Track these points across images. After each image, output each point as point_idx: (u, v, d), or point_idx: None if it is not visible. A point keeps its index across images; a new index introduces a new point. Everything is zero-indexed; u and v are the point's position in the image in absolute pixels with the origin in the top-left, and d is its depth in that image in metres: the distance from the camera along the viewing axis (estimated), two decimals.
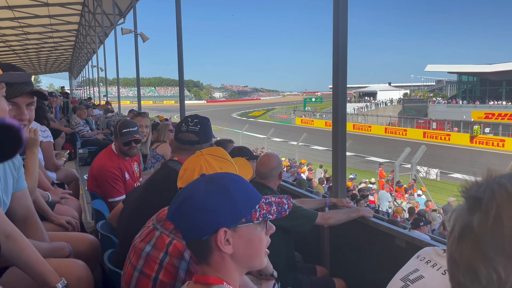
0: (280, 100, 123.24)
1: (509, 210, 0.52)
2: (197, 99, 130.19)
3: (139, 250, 1.42)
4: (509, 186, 0.54)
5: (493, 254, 0.52)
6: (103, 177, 3.13)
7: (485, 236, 0.53)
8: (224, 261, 1.05)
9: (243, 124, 30.10)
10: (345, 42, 2.82)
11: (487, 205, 0.54)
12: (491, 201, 0.54)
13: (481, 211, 0.55)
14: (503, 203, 0.53)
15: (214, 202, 1.03)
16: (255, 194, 1.09)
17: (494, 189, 0.55)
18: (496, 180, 0.57)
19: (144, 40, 9.99)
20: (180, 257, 1.31)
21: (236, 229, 1.03)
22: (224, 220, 1.02)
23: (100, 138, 7.98)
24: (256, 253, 1.07)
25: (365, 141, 26.55)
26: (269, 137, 22.52)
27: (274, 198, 1.10)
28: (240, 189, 1.07)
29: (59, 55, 33.28)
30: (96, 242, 2.16)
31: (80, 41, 24.38)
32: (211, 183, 1.07)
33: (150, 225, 1.50)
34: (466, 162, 21.19)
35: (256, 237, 1.06)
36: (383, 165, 17.74)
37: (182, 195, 1.07)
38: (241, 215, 1.03)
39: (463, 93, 50.52)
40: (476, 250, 0.54)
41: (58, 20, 19.05)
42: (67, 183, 3.64)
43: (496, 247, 0.52)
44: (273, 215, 1.06)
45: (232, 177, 1.11)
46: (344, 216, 2.60)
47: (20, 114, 1.55)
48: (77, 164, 7.05)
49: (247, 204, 1.05)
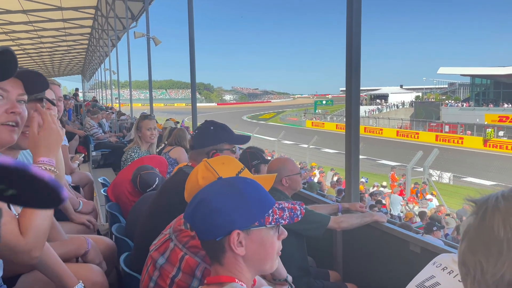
0: (290, 103, 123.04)
1: (492, 212, 0.61)
2: (207, 102, 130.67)
3: (154, 260, 1.44)
4: (500, 195, 0.62)
5: (478, 248, 0.61)
6: None
7: (473, 234, 0.63)
8: (236, 261, 1.09)
9: (253, 127, 30.12)
10: (359, 46, 2.80)
11: (479, 208, 0.63)
12: (482, 205, 0.63)
13: (474, 214, 0.64)
14: (489, 207, 0.61)
15: (229, 205, 1.07)
16: (269, 199, 1.13)
17: (490, 196, 0.63)
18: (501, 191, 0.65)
19: (157, 44, 10.07)
20: (192, 274, 1.33)
21: (249, 232, 1.07)
22: (238, 223, 1.06)
23: (113, 141, 8.06)
24: (267, 256, 1.11)
25: (376, 144, 26.35)
26: (279, 139, 22.49)
27: (287, 203, 1.13)
28: (255, 193, 1.11)
29: (72, 58, 33.75)
30: (113, 245, 2.18)
31: (93, 44, 24.70)
32: (227, 186, 1.12)
33: (166, 233, 1.50)
34: (479, 166, 20.90)
35: (269, 241, 1.10)
36: (395, 169, 17.57)
37: (199, 196, 1.12)
38: (255, 219, 1.07)
39: (476, 95, 49.81)
40: (468, 246, 0.63)
41: (72, 24, 19.34)
42: (81, 186, 3.69)
43: (480, 242, 0.61)
44: (285, 220, 1.10)
45: (248, 181, 1.15)
46: (358, 220, 2.58)
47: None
48: (90, 167, 7.13)
49: (260, 208, 1.09)
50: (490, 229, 0.59)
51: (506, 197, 0.61)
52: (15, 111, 1.32)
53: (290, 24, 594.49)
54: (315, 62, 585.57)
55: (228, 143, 2.20)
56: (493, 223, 0.59)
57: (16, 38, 20.38)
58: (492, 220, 0.60)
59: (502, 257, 0.57)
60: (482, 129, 32.13)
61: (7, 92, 1.30)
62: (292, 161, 2.85)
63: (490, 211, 0.61)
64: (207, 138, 2.19)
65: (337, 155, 22.46)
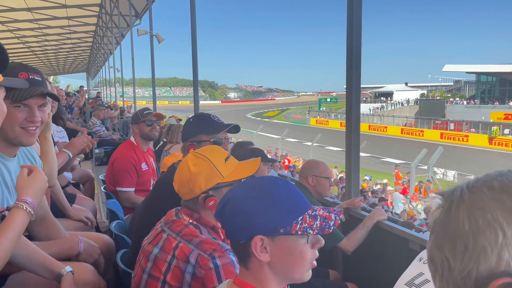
0: (295, 101, 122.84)
1: (457, 205, 0.57)
2: (211, 100, 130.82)
3: (147, 252, 1.43)
4: (465, 186, 0.59)
5: (444, 244, 0.58)
6: (119, 164, 3.27)
7: (439, 229, 0.59)
8: (262, 268, 1.02)
9: (257, 124, 30.08)
10: (359, 44, 2.78)
11: (444, 201, 0.60)
12: (447, 198, 0.60)
13: (439, 207, 0.61)
14: (454, 200, 0.58)
15: (253, 208, 1.00)
16: (301, 205, 1.03)
17: (456, 188, 0.60)
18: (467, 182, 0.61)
19: (160, 41, 10.07)
20: (186, 260, 1.31)
21: (274, 238, 0.99)
22: (261, 228, 0.99)
23: (116, 138, 8.08)
24: (296, 265, 1.02)
25: (381, 142, 26.25)
26: (283, 137, 22.47)
27: (322, 211, 1.03)
28: (284, 197, 1.02)
29: (77, 56, 33.86)
30: (111, 242, 2.18)
31: (97, 42, 24.76)
32: (254, 188, 1.04)
33: (158, 227, 1.50)
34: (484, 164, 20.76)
35: (297, 250, 1.01)
36: (399, 167, 17.50)
37: (227, 196, 1.06)
38: (279, 225, 0.99)
39: (482, 93, 49.45)
40: (434, 241, 0.60)
41: (76, 22, 19.38)
42: (82, 183, 3.70)
43: (446, 237, 0.57)
44: (314, 230, 1.00)
45: (279, 184, 1.05)
46: (363, 231, 2.58)
47: (32, 116, 1.53)
48: (93, 164, 7.16)
49: (287, 215, 1.00)
50: (455, 223, 0.56)
51: (471, 189, 0.58)
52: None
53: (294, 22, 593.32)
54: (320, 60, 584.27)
55: (204, 134, 2.08)
56: (458, 217, 0.56)
57: (21, 36, 20.47)
58: (457, 213, 0.56)
59: (468, 252, 0.54)
60: (487, 127, 31.91)
61: None
62: (326, 166, 2.94)
63: (455, 204, 0.58)
64: (186, 131, 2.14)
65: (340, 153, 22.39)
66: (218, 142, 2.07)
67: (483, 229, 0.53)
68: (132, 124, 3.51)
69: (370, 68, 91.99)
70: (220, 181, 1.43)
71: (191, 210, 1.45)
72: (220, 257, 1.29)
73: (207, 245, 1.31)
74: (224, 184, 1.44)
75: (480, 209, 0.55)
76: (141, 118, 3.42)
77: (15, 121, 1.50)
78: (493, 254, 0.52)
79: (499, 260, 0.52)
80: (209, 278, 1.27)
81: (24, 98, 1.48)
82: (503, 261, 0.52)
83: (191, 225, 1.41)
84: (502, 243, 0.52)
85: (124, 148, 3.40)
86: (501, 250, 0.52)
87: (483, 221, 0.54)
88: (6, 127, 1.48)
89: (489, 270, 0.53)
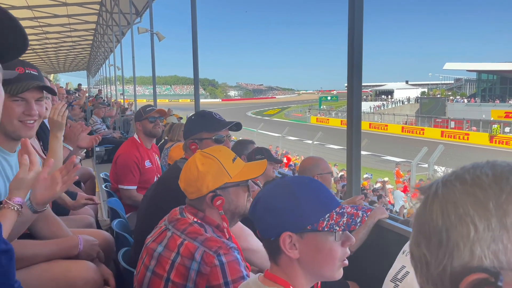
0: (295, 99, 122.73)
1: (433, 201, 0.57)
2: (212, 98, 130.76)
3: (151, 250, 1.43)
4: (440, 180, 0.58)
5: (421, 240, 0.57)
6: (121, 162, 3.26)
7: (416, 224, 0.59)
8: (292, 264, 1.05)
9: (258, 123, 30.08)
10: (360, 42, 2.78)
11: (422, 195, 0.59)
12: (425, 192, 0.59)
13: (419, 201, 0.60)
14: (430, 195, 0.58)
15: (280, 205, 1.04)
16: (328, 203, 1.06)
17: (433, 182, 0.60)
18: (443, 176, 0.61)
19: (160, 39, 10.06)
20: (191, 258, 1.31)
21: (303, 235, 1.03)
22: (288, 225, 1.03)
23: (116, 137, 8.09)
24: (325, 263, 1.04)
25: (381, 140, 26.25)
26: (284, 135, 22.46)
27: (350, 208, 1.06)
28: (311, 195, 1.06)
29: (77, 54, 33.86)
30: (111, 239, 2.18)
31: (97, 40, 24.74)
32: (282, 187, 1.08)
33: (162, 225, 1.50)
34: None
35: (326, 247, 1.03)
36: (400, 165, 17.50)
37: (259, 194, 1.11)
38: (306, 222, 1.02)
39: (483, 91, 49.38)
40: (413, 237, 0.59)
41: (76, 20, 19.39)
42: (83, 182, 3.70)
43: (422, 232, 0.57)
44: (340, 227, 1.02)
45: (306, 182, 1.10)
46: (365, 230, 2.58)
47: (29, 109, 1.56)
48: (94, 162, 7.17)
49: (314, 212, 1.03)
50: (429, 218, 0.56)
51: (445, 183, 0.57)
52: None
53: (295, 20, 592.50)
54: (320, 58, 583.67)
55: (206, 132, 2.05)
56: (432, 212, 0.56)
57: None
58: (431, 208, 0.56)
59: (442, 247, 0.54)
60: (488, 125, 31.89)
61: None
62: (325, 161, 2.98)
63: (430, 199, 0.57)
64: (188, 128, 2.12)
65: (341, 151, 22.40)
66: (220, 140, 2.07)
67: (455, 224, 0.53)
68: (135, 121, 3.50)
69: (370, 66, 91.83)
70: (228, 181, 1.44)
71: (196, 209, 1.45)
72: (225, 254, 1.29)
73: (212, 242, 1.32)
74: (231, 184, 1.45)
75: (452, 204, 0.54)
76: (144, 115, 3.41)
77: (13, 114, 1.53)
78: (465, 249, 0.52)
79: (472, 255, 0.51)
80: (214, 275, 1.28)
81: (21, 91, 1.51)
82: (476, 256, 0.51)
83: (195, 224, 1.41)
84: (474, 238, 0.51)
85: (127, 146, 3.40)
86: (473, 245, 0.51)
87: (455, 216, 0.53)
88: (5, 121, 1.51)
89: (462, 266, 0.52)
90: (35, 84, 1.54)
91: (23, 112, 1.55)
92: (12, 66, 1.52)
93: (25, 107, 1.55)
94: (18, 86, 1.50)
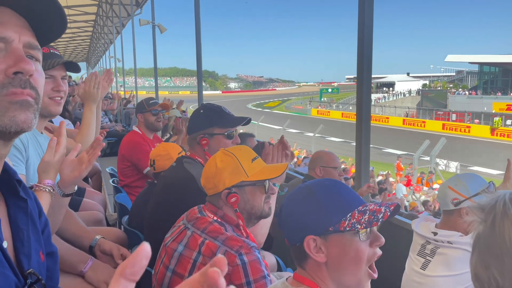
0: (296, 91, 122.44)
1: (501, 220, 0.54)
2: (212, 90, 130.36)
3: (171, 250, 1.42)
4: (507, 199, 0.56)
5: (491, 261, 0.55)
6: (132, 150, 3.26)
7: (483, 245, 0.57)
8: (319, 268, 1.03)
9: (258, 115, 30.03)
10: (371, 36, 2.75)
11: (486, 216, 0.57)
12: (490, 212, 0.57)
13: (482, 221, 0.58)
14: (497, 214, 0.55)
15: (300, 210, 1.04)
16: (349, 203, 1.04)
17: (496, 200, 0.57)
18: (505, 193, 0.58)
19: (162, 31, 9.99)
20: (212, 257, 1.29)
21: (327, 237, 1.01)
22: (310, 228, 1.02)
23: (118, 129, 8.06)
24: (352, 265, 1.01)
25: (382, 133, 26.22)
26: (285, 128, 22.44)
27: (373, 205, 1.04)
28: (330, 196, 1.04)
29: (76, 46, 33.68)
30: (124, 235, 2.18)
31: (97, 31, 24.58)
32: (302, 191, 1.08)
33: (180, 224, 1.49)
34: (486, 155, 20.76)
35: (353, 248, 1.01)
36: (401, 158, 17.50)
37: (283, 202, 1.11)
38: (328, 224, 1.01)
39: (485, 84, 49.24)
40: (479, 258, 0.58)
41: (76, 11, 19.22)
42: (90, 176, 3.69)
43: (491, 254, 0.55)
44: (362, 224, 1.00)
45: (326, 184, 1.08)
46: None
47: (57, 85, 1.63)
48: None
49: (335, 212, 1.01)
50: (501, 240, 0.54)
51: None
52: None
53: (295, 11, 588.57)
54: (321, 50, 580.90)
55: (218, 127, 2.01)
56: (503, 233, 0.54)
57: None
58: (503, 229, 0.54)
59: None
60: (489, 117, 31.83)
61: None
62: (333, 155, 2.99)
63: (499, 219, 0.55)
64: (196, 122, 2.06)
65: (342, 144, 22.42)
66: (231, 135, 2.05)
67: None
68: (137, 113, 3.47)
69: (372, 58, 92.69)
70: (244, 180, 1.43)
71: (216, 207, 1.45)
72: (246, 253, 1.29)
73: (234, 241, 1.31)
74: (247, 183, 1.44)
75: None
76: (147, 108, 3.40)
77: (44, 92, 1.54)
78: None
79: None
80: (236, 274, 1.27)
81: (51, 67, 1.60)
82: None
83: (216, 223, 1.40)
84: None
85: (131, 136, 3.40)
86: None
87: None
88: None
89: None
90: (62, 60, 1.63)
91: (52, 88, 1.63)
92: None
93: (53, 84, 1.63)
94: (47, 63, 1.58)
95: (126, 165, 3.29)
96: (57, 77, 1.64)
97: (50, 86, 1.62)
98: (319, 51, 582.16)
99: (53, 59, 1.62)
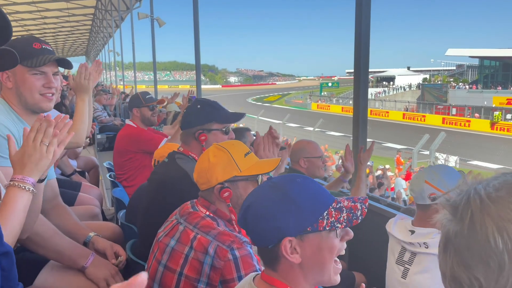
0: (296, 85, 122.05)
1: (482, 218, 0.52)
2: (212, 84, 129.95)
3: (163, 244, 1.42)
4: (483, 193, 0.53)
5: (472, 263, 0.53)
6: (134, 139, 3.29)
7: (462, 244, 0.54)
8: (292, 269, 1.00)
9: (258, 109, 30.01)
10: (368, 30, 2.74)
11: (462, 213, 0.54)
12: (466, 208, 0.54)
13: (457, 219, 0.55)
14: (476, 211, 0.53)
15: (275, 210, 0.97)
16: (323, 200, 1.00)
17: (469, 196, 0.54)
18: (474, 186, 0.56)
19: (161, 25, 9.95)
20: (204, 252, 1.31)
21: (303, 237, 0.97)
22: (287, 229, 0.96)
23: (117, 124, 8.05)
24: (326, 262, 1.00)
25: (382, 127, 26.21)
26: (285, 122, 22.42)
27: (347, 201, 1.01)
28: (305, 194, 0.99)
29: (75, 39, 33.55)
30: (119, 230, 2.18)
31: (96, 25, 24.48)
32: (274, 189, 1.01)
33: (173, 219, 1.49)
34: (486, 149, 20.76)
35: (328, 245, 0.98)
36: (401, 152, 17.51)
37: (247, 201, 1.03)
38: (306, 224, 0.97)
39: (485, 78, 49.10)
40: (457, 259, 0.55)
41: (75, 4, 19.13)
42: (87, 171, 3.69)
43: (474, 255, 0.52)
44: (342, 223, 0.98)
45: (298, 181, 1.02)
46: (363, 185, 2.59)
47: (49, 82, 1.64)
48: (95, 149, 7.15)
49: (313, 212, 0.97)
50: (485, 241, 0.51)
51: (493, 199, 0.52)
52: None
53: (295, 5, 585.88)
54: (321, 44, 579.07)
55: (217, 122, 2.01)
56: (487, 233, 0.51)
57: (20, 18, 20.23)
58: (485, 229, 0.51)
59: (504, 272, 0.50)
60: (489, 111, 31.79)
61: None
62: (315, 144, 2.89)
63: (478, 217, 0.52)
64: (193, 117, 2.03)
65: (342, 138, 22.41)
66: (228, 131, 2.05)
67: None
68: (133, 107, 3.45)
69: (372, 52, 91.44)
70: (237, 174, 1.43)
71: (208, 202, 1.45)
72: (238, 248, 1.29)
73: (226, 236, 1.32)
74: (240, 177, 1.44)
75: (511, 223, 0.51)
76: (144, 102, 3.40)
77: (34, 88, 1.62)
78: None
79: None
80: (228, 269, 1.28)
81: (41, 64, 1.60)
82: None
83: (208, 217, 1.40)
84: None
85: (128, 130, 3.41)
86: None
87: None
88: (26, 95, 1.61)
89: None
90: (54, 57, 1.62)
91: (43, 85, 1.63)
92: (29, 42, 1.62)
93: (45, 80, 1.64)
94: (38, 60, 1.58)
95: (127, 157, 3.29)
96: (48, 74, 1.64)
97: (41, 83, 1.62)
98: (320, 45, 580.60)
99: (45, 55, 1.61)
